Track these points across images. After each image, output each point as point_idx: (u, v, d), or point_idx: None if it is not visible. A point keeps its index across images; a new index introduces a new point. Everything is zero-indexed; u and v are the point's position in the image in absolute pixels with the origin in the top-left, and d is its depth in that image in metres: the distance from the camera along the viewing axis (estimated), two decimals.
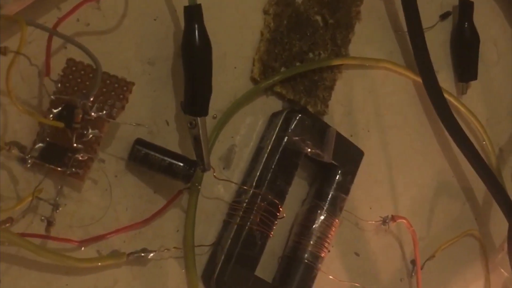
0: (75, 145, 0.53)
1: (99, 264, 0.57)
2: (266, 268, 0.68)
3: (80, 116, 0.52)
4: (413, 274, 0.78)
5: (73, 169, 0.54)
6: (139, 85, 0.59)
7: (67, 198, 0.57)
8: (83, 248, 0.57)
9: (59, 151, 0.54)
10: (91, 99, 0.52)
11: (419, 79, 0.77)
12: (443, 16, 0.83)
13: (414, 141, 0.79)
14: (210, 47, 0.59)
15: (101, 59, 0.56)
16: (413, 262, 0.78)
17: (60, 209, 0.55)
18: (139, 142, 0.59)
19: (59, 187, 0.55)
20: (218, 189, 0.65)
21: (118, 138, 0.59)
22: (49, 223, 0.53)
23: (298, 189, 0.70)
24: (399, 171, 0.78)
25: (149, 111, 0.61)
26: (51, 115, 0.53)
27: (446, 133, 0.79)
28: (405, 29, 0.77)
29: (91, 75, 0.55)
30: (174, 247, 0.61)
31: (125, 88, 0.56)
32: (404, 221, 0.75)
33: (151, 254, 0.59)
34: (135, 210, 0.60)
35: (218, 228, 0.65)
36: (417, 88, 0.79)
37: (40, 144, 0.54)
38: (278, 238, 0.69)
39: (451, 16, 0.83)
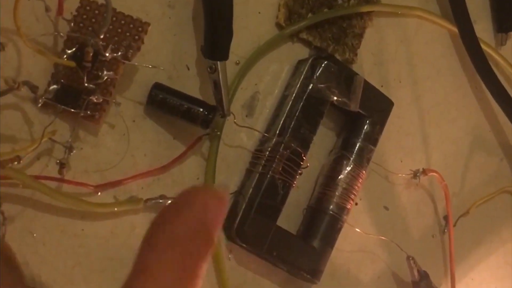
0: (86, 85, 0.52)
1: (115, 209, 0.57)
2: (292, 219, 0.66)
3: (91, 54, 0.51)
4: (445, 230, 0.76)
5: (88, 112, 0.53)
6: (158, 28, 0.58)
7: (83, 142, 0.56)
8: (99, 193, 0.56)
9: (74, 93, 0.53)
10: (101, 36, 0.51)
11: (455, 29, 0.74)
12: None
13: (448, 93, 0.77)
14: None
15: (119, 1, 0.55)
16: (446, 218, 0.76)
17: (75, 151, 0.54)
18: (157, 86, 0.58)
19: (73, 129, 0.54)
20: (240, 137, 0.63)
21: (137, 82, 0.58)
22: (62, 165, 0.52)
23: (325, 139, 0.68)
24: (433, 124, 0.75)
25: (169, 56, 0.60)
26: (65, 56, 0.52)
27: (483, 86, 0.76)
28: None
29: (105, 14, 0.54)
30: None
31: (140, 29, 0.54)
32: (435, 174, 0.73)
33: (169, 201, 0.58)
34: (154, 156, 0.59)
35: (241, 177, 0.63)
36: (453, 39, 0.76)
37: (54, 86, 0.53)
38: (304, 189, 0.67)
39: None
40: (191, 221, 0.29)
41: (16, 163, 0.48)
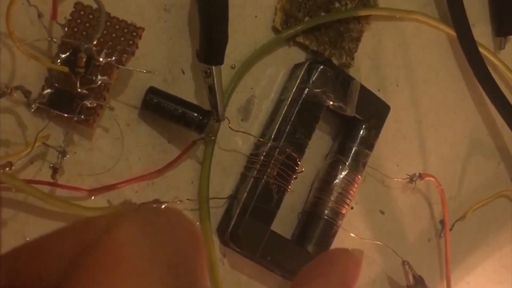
0: (79, 90, 0.51)
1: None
2: (286, 224, 0.66)
3: (84, 60, 0.50)
4: (441, 234, 0.76)
5: (82, 116, 0.53)
6: (154, 32, 0.58)
7: (77, 146, 0.56)
8: (93, 197, 0.56)
9: (68, 97, 0.53)
10: (95, 42, 0.50)
11: (453, 33, 0.74)
12: None
13: (446, 97, 0.76)
14: None
15: (114, 5, 0.55)
16: (442, 222, 0.76)
17: (68, 156, 0.54)
18: (152, 90, 0.57)
19: (67, 133, 0.53)
20: (236, 141, 0.63)
21: (131, 86, 0.58)
22: (55, 170, 0.52)
23: (321, 143, 0.68)
24: (430, 128, 0.75)
25: (165, 59, 0.59)
26: (59, 60, 0.52)
27: (481, 89, 0.76)
28: None
29: (99, 19, 0.53)
30: (188, 199, 0.60)
31: (134, 34, 0.54)
32: (432, 179, 0.73)
33: (163, 205, 0.58)
34: (148, 160, 0.59)
35: (235, 181, 0.63)
36: (451, 42, 0.76)
37: (48, 90, 0.53)
38: (299, 193, 0.67)
39: None
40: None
41: (7, 169, 0.48)
